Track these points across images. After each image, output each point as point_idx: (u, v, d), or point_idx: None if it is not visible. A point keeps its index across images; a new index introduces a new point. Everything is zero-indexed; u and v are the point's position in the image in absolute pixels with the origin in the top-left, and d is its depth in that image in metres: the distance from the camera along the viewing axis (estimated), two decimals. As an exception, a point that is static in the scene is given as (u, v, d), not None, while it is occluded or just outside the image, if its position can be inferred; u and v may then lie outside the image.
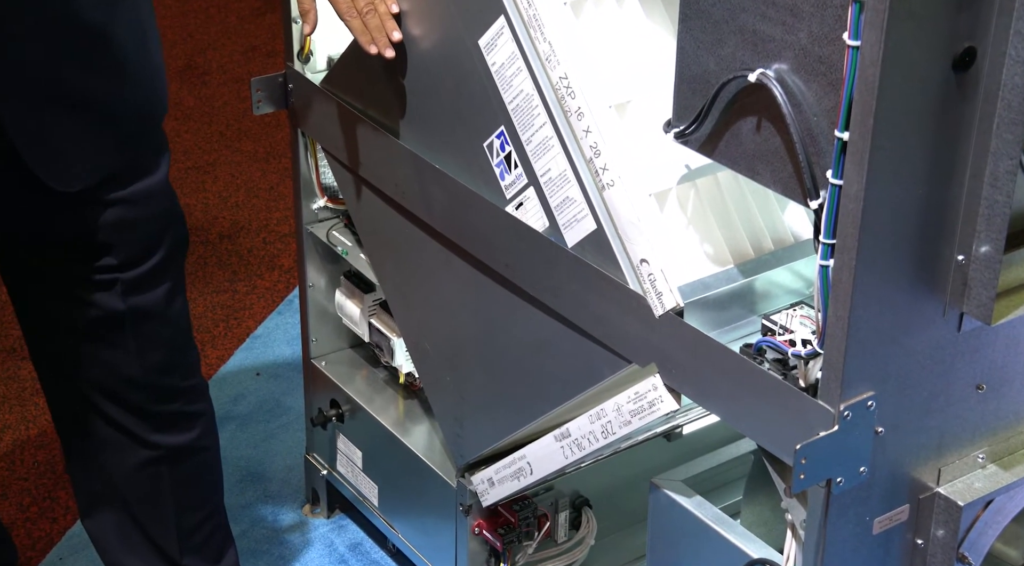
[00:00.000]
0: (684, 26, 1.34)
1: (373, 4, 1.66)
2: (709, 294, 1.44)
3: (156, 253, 1.71)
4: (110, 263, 1.67)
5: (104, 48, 1.55)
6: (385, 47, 1.67)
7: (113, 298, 1.69)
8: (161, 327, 1.75)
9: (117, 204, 1.64)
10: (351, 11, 1.67)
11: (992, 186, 1.25)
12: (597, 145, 1.47)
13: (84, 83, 1.55)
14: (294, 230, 2.19)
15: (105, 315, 1.70)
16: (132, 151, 1.64)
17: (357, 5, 1.66)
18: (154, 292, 1.72)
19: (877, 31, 1.14)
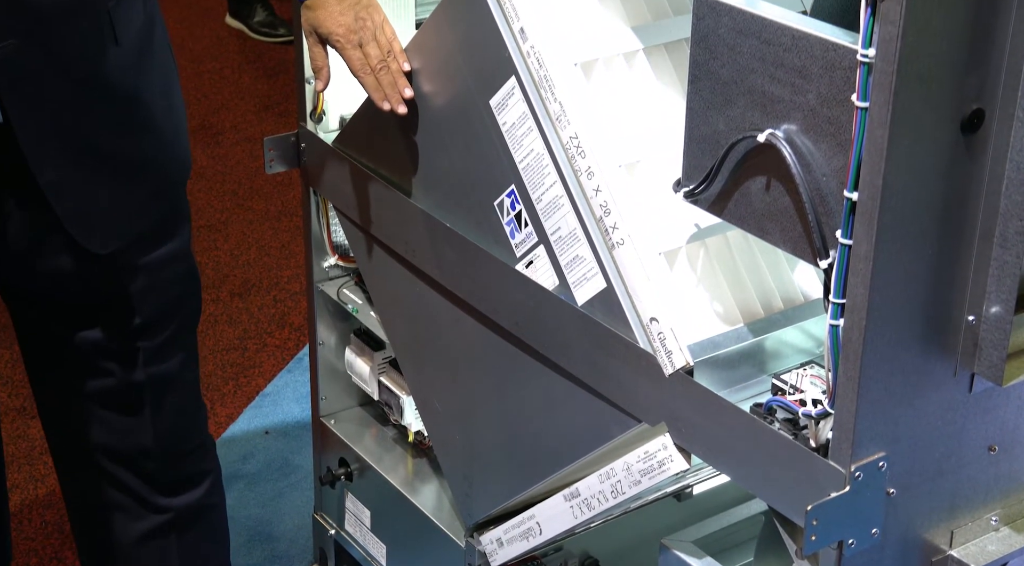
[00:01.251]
0: (693, 87, 1.35)
1: (385, 62, 1.68)
2: (719, 353, 1.43)
3: (175, 320, 1.71)
4: (134, 328, 1.68)
5: (134, 111, 1.59)
6: (397, 103, 1.69)
7: (133, 367, 1.70)
8: (175, 395, 1.76)
9: (142, 269, 1.66)
10: (364, 68, 1.68)
11: (1002, 247, 1.25)
12: (607, 204, 1.48)
13: (115, 144, 1.57)
14: (305, 288, 2.20)
15: (123, 385, 1.70)
16: (159, 213, 1.67)
17: (370, 63, 1.68)
18: (172, 361, 1.73)
19: (885, 93, 1.15)
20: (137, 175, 1.62)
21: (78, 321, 1.66)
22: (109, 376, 1.69)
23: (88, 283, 1.63)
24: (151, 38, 1.62)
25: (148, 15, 1.62)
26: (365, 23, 1.67)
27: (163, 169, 1.66)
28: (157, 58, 1.62)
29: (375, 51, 1.67)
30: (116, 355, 1.68)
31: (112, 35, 1.53)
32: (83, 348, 1.67)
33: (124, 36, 1.55)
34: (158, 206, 1.66)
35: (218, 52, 4.22)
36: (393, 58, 1.68)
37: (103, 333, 1.66)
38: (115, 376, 1.69)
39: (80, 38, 1.50)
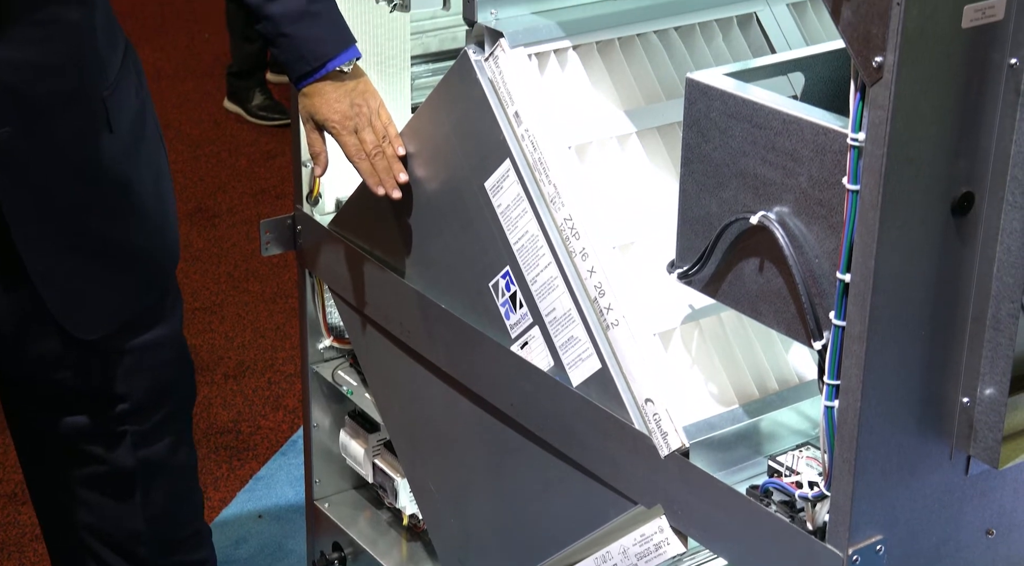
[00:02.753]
0: (686, 169, 1.37)
1: (380, 147, 1.69)
2: (714, 434, 1.43)
3: (164, 405, 1.71)
4: (121, 413, 1.67)
5: (126, 198, 1.60)
6: (392, 188, 1.70)
7: (123, 452, 1.69)
8: (167, 479, 1.74)
9: (131, 352, 1.66)
10: (359, 154, 1.70)
11: (994, 329, 1.26)
12: (601, 285, 1.49)
13: (106, 231, 1.59)
14: (299, 370, 2.19)
15: (113, 469, 1.69)
16: (148, 299, 1.67)
17: (365, 148, 1.69)
18: (162, 444, 1.72)
19: (876, 176, 1.16)
20: (126, 262, 1.63)
21: (65, 405, 1.65)
22: (98, 461, 1.68)
23: (75, 367, 1.63)
24: (143, 125, 1.64)
25: (140, 102, 1.64)
26: (361, 109, 1.69)
27: (152, 256, 1.67)
28: (149, 145, 1.65)
29: (370, 137, 1.69)
30: (104, 439, 1.67)
31: (106, 122, 1.55)
32: (71, 432, 1.66)
33: (118, 123, 1.57)
34: (147, 292, 1.67)
35: (216, 135, 4.25)
36: (388, 143, 1.70)
37: (90, 417, 1.65)
38: (104, 461, 1.68)
39: (75, 126, 1.52)
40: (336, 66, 1.67)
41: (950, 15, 1.13)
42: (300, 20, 1.64)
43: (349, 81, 1.68)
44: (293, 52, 1.66)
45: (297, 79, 1.69)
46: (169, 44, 4.87)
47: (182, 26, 5.02)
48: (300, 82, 1.69)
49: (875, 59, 1.13)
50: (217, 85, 4.49)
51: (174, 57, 4.77)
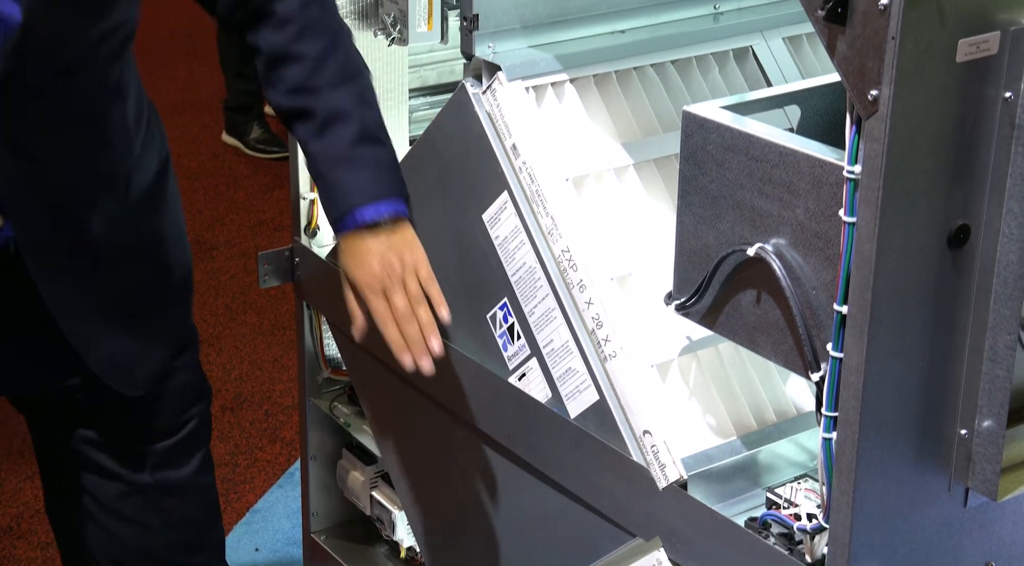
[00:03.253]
0: (683, 201, 1.37)
1: (412, 312, 1.52)
2: (712, 466, 1.43)
3: (186, 426, 1.70)
4: (143, 435, 1.66)
5: (151, 257, 1.59)
6: (421, 358, 1.51)
7: (141, 471, 1.68)
8: (186, 504, 1.73)
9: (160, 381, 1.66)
10: (386, 319, 1.53)
11: (992, 361, 1.26)
12: (599, 317, 1.49)
13: (135, 293, 1.58)
14: (297, 402, 2.19)
15: (133, 489, 1.68)
16: (180, 342, 1.67)
17: (395, 313, 1.52)
18: (182, 467, 1.71)
19: (872, 208, 1.17)
20: (159, 319, 1.62)
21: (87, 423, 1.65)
22: (117, 479, 1.67)
23: (104, 399, 1.63)
24: (164, 181, 1.61)
25: (161, 161, 1.61)
26: (393, 268, 1.53)
27: (181, 305, 1.67)
28: (170, 201, 1.62)
29: (400, 301, 1.52)
30: (124, 458, 1.66)
31: (125, 193, 1.53)
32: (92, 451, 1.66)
33: (137, 190, 1.55)
34: (178, 340, 1.68)
35: (214, 168, 4.27)
36: (422, 306, 1.53)
37: (112, 436, 1.65)
38: (123, 479, 1.67)
39: (96, 203, 1.50)
40: (364, 219, 1.52)
41: (945, 49, 1.14)
42: (337, 164, 1.52)
43: (383, 235, 1.53)
44: (327, 196, 1.55)
45: (332, 226, 1.57)
46: (168, 78, 4.89)
47: (181, 60, 5.04)
48: (335, 230, 1.57)
49: (871, 92, 1.14)
50: (215, 118, 4.51)
51: (173, 91, 4.79)
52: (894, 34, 1.11)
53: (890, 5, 1.10)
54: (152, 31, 5.15)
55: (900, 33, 1.11)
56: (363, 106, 1.54)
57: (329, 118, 1.52)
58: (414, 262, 1.54)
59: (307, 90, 1.52)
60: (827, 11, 1.14)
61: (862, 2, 1.12)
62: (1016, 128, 1.20)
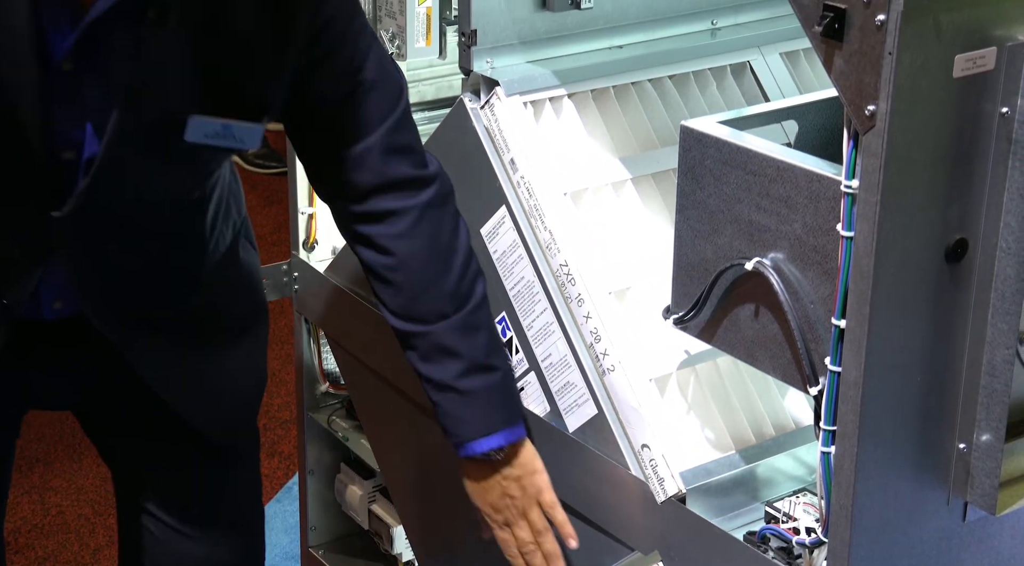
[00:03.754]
0: (681, 216, 1.37)
1: (535, 544, 1.50)
2: (711, 480, 1.43)
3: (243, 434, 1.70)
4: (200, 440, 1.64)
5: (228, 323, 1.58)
6: None
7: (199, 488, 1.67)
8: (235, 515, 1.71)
9: None
10: (511, 550, 1.51)
11: (990, 375, 1.26)
12: (597, 331, 1.49)
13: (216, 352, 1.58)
14: (295, 416, 2.18)
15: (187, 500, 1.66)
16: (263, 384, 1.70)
17: (519, 545, 1.51)
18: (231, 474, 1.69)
19: (870, 223, 1.17)
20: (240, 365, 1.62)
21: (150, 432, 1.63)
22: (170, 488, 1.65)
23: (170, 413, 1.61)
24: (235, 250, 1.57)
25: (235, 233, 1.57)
26: (513, 499, 1.51)
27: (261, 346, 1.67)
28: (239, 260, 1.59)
29: (523, 534, 1.51)
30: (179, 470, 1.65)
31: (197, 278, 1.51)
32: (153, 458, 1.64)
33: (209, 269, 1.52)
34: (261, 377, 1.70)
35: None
36: (547, 536, 1.50)
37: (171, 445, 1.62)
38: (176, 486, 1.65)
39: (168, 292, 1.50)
40: (482, 450, 1.50)
41: (942, 65, 1.15)
42: (445, 393, 1.49)
43: (502, 466, 1.50)
44: (443, 422, 1.51)
45: (451, 444, 1.53)
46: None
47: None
48: (456, 449, 1.52)
49: (868, 108, 1.14)
50: (214, 132, 4.51)
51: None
52: (891, 50, 1.12)
53: (887, 21, 1.11)
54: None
55: (897, 49, 1.11)
56: (469, 335, 1.48)
57: (432, 352, 1.48)
58: (536, 490, 1.51)
59: (411, 317, 1.48)
60: (824, 27, 1.15)
61: (859, 18, 1.13)
62: (1013, 143, 1.20)
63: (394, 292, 1.47)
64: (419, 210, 1.46)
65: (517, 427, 1.51)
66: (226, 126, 1.35)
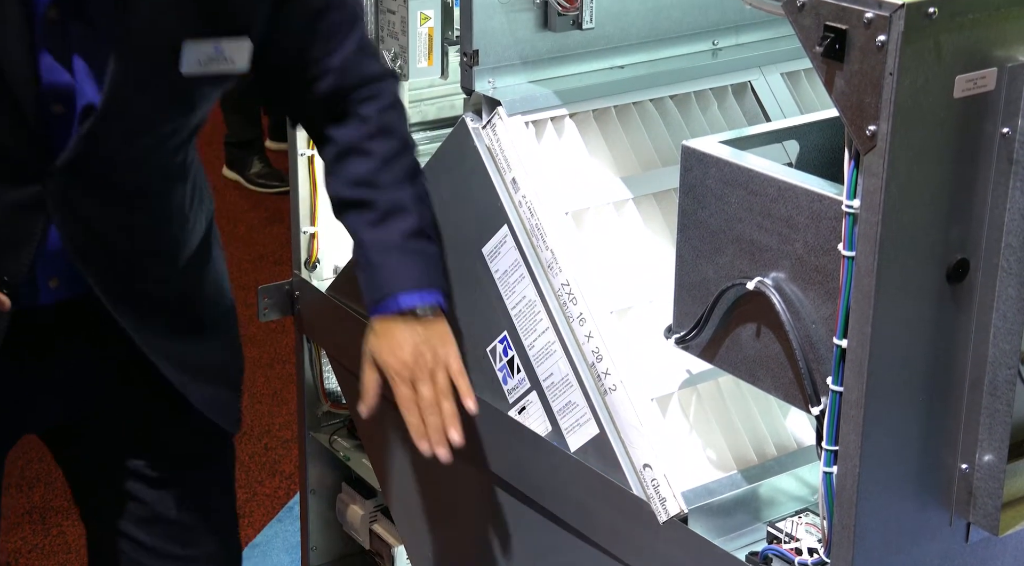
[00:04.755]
0: (683, 235, 1.38)
1: (438, 403, 1.55)
2: (713, 500, 1.42)
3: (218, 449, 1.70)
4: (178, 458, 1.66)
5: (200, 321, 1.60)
6: (439, 446, 1.54)
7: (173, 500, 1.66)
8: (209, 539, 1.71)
9: None
10: (411, 407, 1.55)
11: (992, 395, 1.26)
12: (599, 350, 1.49)
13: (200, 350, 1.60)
14: (296, 435, 2.18)
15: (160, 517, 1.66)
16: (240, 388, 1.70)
17: (420, 402, 1.55)
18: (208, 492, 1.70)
19: (871, 243, 1.17)
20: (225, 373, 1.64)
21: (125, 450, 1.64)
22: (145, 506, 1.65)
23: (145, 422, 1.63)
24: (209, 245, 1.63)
25: (208, 222, 1.64)
26: (425, 360, 1.55)
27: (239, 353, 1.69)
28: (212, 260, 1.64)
29: (427, 392, 1.55)
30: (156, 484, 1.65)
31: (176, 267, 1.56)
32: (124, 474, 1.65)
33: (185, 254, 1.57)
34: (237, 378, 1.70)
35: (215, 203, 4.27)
36: (447, 398, 1.55)
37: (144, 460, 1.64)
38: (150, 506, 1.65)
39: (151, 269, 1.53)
40: (408, 305, 1.56)
41: (942, 85, 1.15)
42: (390, 252, 1.57)
43: (420, 326, 1.56)
44: (372, 280, 1.58)
45: (369, 307, 1.60)
46: (169, 111, 4.90)
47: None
48: (371, 311, 1.59)
49: (869, 128, 1.15)
50: (216, 154, 4.53)
51: (174, 124, 4.81)
52: (891, 70, 1.12)
53: (887, 42, 1.11)
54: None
55: (897, 69, 1.12)
56: (421, 205, 1.60)
57: (389, 212, 1.57)
58: (446, 356, 1.56)
59: (371, 184, 1.57)
60: (825, 47, 1.15)
61: (859, 39, 1.13)
62: (1014, 163, 1.20)
63: (365, 161, 1.58)
64: (392, 94, 1.61)
65: (443, 296, 1.59)
66: (217, 48, 1.41)
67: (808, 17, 1.17)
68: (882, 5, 1.11)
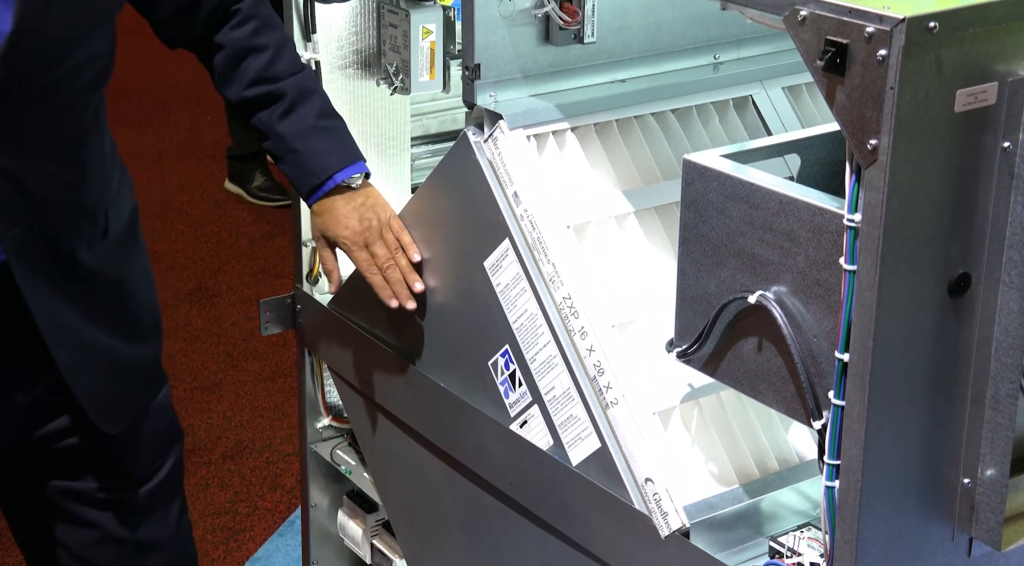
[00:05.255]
0: (684, 249, 1.38)
1: (393, 258, 1.69)
2: (715, 514, 1.42)
3: (162, 468, 1.71)
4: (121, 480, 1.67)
5: (125, 298, 1.63)
6: (406, 300, 1.69)
7: (120, 519, 1.68)
8: (162, 556, 1.73)
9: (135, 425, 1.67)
10: (371, 268, 1.70)
11: (994, 409, 1.26)
12: (600, 364, 1.49)
13: (114, 332, 1.61)
14: (298, 449, 2.18)
15: (109, 538, 1.68)
16: (153, 386, 1.71)
17: (377, 262, 1.70)
18: (159, 517, 1.71)
19: (872, 257, 1.17)
20: (139, 354, 1.66)
21: (66, 472, 1.65)
22: (94, 527, 1.67)
23: (82, 442, 1.64)
24: (134, 229, 1.67)
25: (132, 208, 1.67)
26: (371, 223, 1.70)
27: (155, 349, 1.70)
28: (140, 247, 1.68)
29: (381, 251, 1.69)
30: (101, 505, 1.66)
31: (104, 230, 1.59)
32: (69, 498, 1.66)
33: (113, 228, 1.61)
34: (154, 383, 1.71)
35: (216, 216, 4.28)
36: (401, 254, 1.70)
37: (88, 484, 1.65)
38: (100, 528, 1.67)
39: (78, 230, 1.55)
40: (343, 179, 1.69)
41: (943, 99, 1.15)
42: (308, 135, 1.68)
43: (358, 196, 1.70)
44: (302, 167, 1.69)
45: (308, 195, 1.71)
46: (171, 127, 4.92)
47: (184, 109, 5.07)
48: (310, 197, 1.71)
49: (870, 142, 1.15)
50: (218, 166, 4.53)
51: (176, 139, 4.82)
52: (892, 84, 1.12)
53: (888, 56, 1.11)
54: (155, 80, 5.18)
55: (898, 83, 1.12)
56: (318, 84, 1.73)
57: (297, 98, 1.67)
58: (387, 216, 1.71)
59: (272, 77, 1.67)
60: (826, 61, 1.15)
61: (860, 53, 1.13)
62: (1015, 177, 1.20)
63: (260, 56, 1.66)
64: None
65: (363, 163, 1.72)
66: None
67: (809, 31, 1.17)
68: (883, 19, 1.11)
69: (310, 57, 1.89)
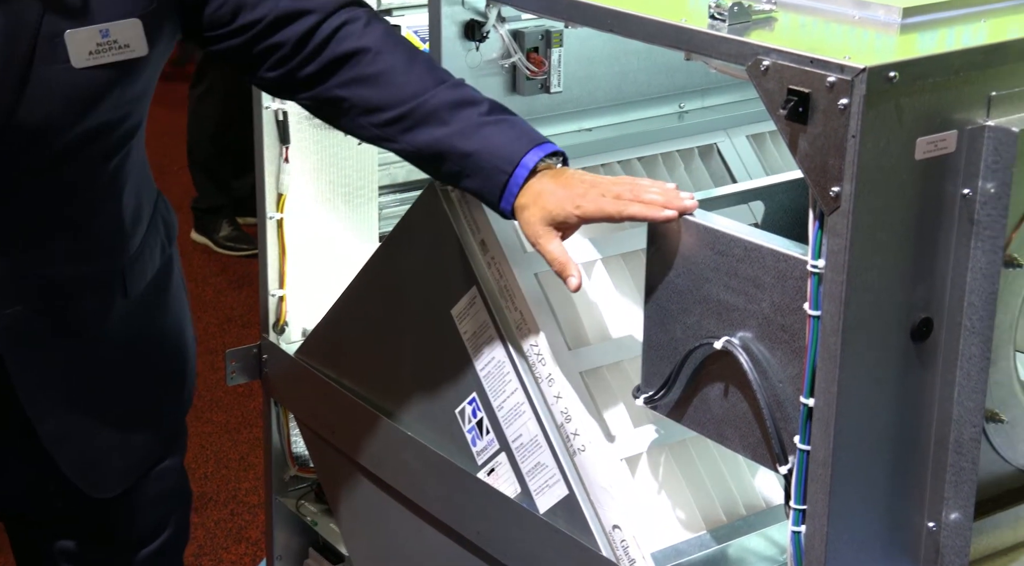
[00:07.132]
0: (650, 296, 1.38)
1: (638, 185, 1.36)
2: (683, 561, 1.42)
3: (163, 532, 1.68)
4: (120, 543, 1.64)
5: (143, 358, 1.56)
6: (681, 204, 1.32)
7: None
8: None
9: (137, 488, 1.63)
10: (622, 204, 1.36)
11: (957, 453, 1.27)
12: (568, 410, 1.49)
13: (121, 393, 1.55)
14: (263, 501, 2.16)
15: None
16: (164, 449, 1.65)
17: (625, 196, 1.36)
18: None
19: (836, 302, 1.18)
20: (144, 421, 1.59)
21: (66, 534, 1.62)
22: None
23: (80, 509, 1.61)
24: (168, 279, 1.59)
25: (165, 258, 1.59)
26: (598, 179, 1.41)
27: (171, 410, 1.65)
28: (172, 297, 1.59)
29: (624, 187, 1.37)
30: None
31: (122, 289, 1.51)
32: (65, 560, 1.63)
33: (134, 288, 1.52)
34: (163, 444, 1.65)
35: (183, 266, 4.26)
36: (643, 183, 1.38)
37: (87, 546, 1.62)
38: None
39: (89, 300, 1.48)
40: (538, 158, 1.43)
41: (904, 147, 1.17)
42: (481, 130, 1.43)
43: (566, 170, 1.44)
44: (484, 166, 1.42)
45: (500, 197, 1.43)
46: (137, 176, 4.90)
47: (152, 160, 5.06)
48: (505, 199, 1.43)
49: (832, 189, 1.16)
50: (184, 218, 4.52)
51: (142, 188, 4.80)
52: (854, 133, 1.14)
53: (850, 105, 1.13)
54: (122, 130, 5.17)
55: (860, 132, 1.14)
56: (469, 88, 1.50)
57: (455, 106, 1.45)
58: (600, 178, 1.41)
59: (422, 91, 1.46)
60: (789, 110, 1.17)
61: (822, 102, 1.15)
62: (975, 223, 1.22)
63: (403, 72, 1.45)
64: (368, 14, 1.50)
65: (554, 143, 1.46)
66: (104, 32, 1.33)
67: (772, 81, 1.19)
68: (844, 69, 1.13)
69: (278, 107, 1.90)
